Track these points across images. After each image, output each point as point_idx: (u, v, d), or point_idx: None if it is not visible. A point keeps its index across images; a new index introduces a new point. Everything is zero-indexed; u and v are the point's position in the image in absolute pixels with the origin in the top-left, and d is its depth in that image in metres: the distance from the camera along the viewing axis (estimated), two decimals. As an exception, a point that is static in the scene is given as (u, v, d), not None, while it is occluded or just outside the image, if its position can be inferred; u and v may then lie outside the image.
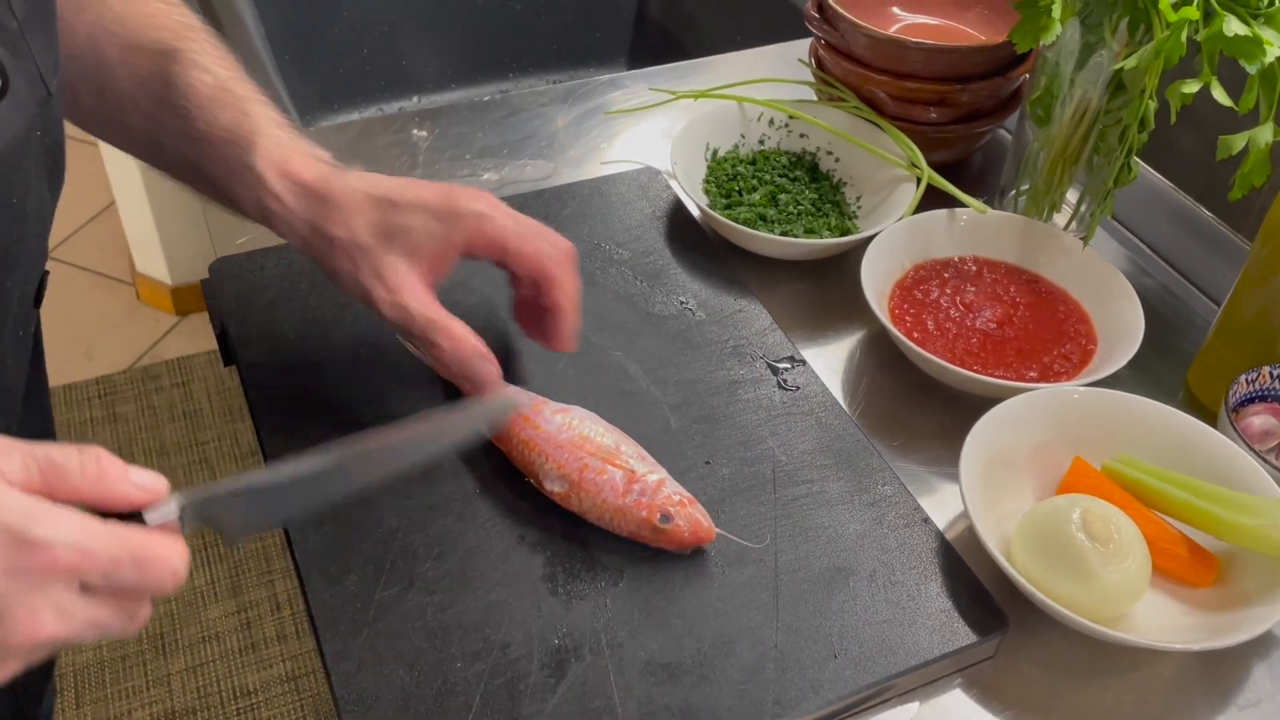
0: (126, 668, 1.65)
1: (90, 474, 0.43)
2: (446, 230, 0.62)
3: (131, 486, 0.44)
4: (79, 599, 0.41)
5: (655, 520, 0.61)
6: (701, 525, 0.62)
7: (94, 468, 0.43)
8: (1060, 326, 0.79)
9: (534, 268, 0.64)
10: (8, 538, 0.39)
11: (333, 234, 0.62)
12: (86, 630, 0.42)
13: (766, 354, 0.76)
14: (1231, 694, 0.62)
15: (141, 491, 0.44)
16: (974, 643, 0.60)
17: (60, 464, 0.42)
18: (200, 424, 2.00)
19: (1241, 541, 0.63)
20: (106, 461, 0.43)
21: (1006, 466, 0.68)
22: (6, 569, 0.39)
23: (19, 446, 0.42)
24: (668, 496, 0.62)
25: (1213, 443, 0.68)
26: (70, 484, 0.42)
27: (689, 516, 0.62)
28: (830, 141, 0.93)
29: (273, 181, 0.62)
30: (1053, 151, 0.82)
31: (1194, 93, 0.70)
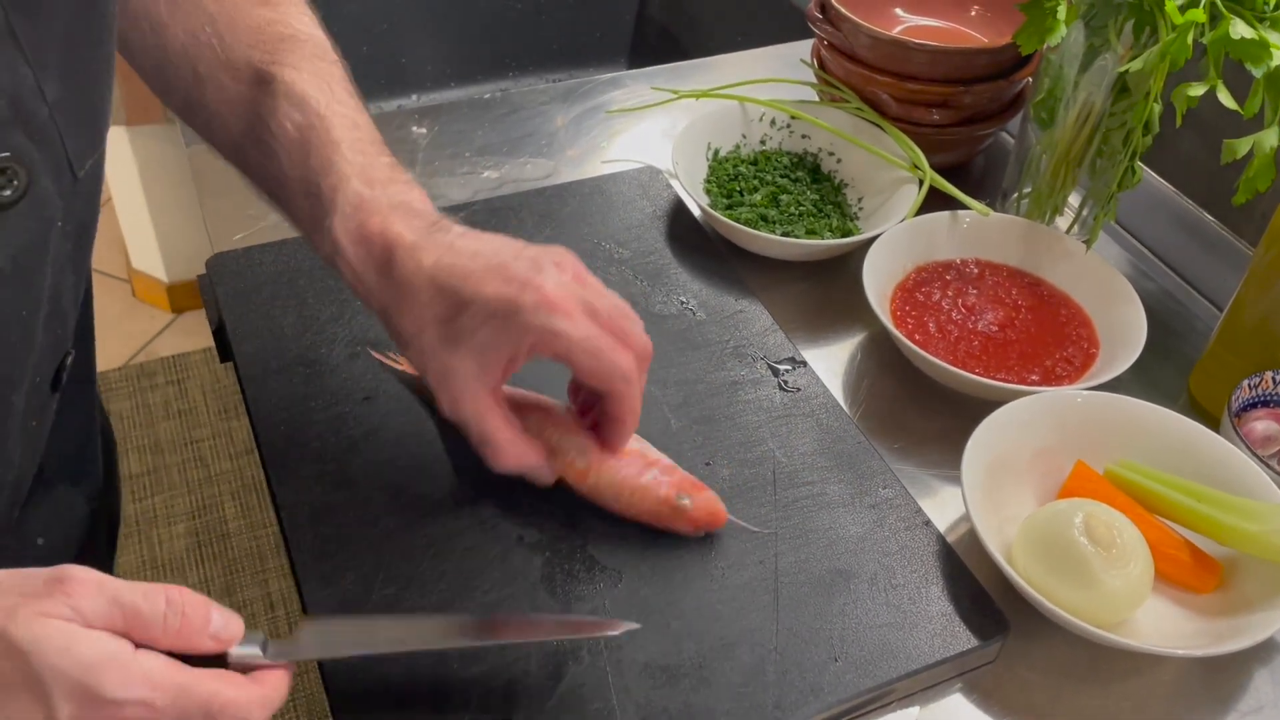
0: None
1: (171, 628, 0.44)
2: (512, 341, 0.56)
3: (209, 640, 0.46)
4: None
5: (674, 499, 0.61)
6: (718, 508, 0.62)
7: (176, 622, 0.44)
8: (1062, 330, 0.79)
9: (599, 383, 0.58)
10: (80, 692, 0.41)
11: (400, 326, 0.58)
12: None
13: (767, 355, 0.76)
14: (1233, 700, 0.62)
15: (218, 643, 0.46)
16: (975, 647, 0.60)
17: (144, 614, 0.44)
18: (195, 421, 2.00)
19: (1244, 547, 0.63)
20: (191, 610, 0.45)
21: (1008, 470, 0.68)
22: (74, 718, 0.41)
23: (109, 588, 0.43)
24: (684, 478, 0.63)
25: (1215, 448, 0.67)
26: (150, 634, 0.44)
27: (707, 498, 0.62)
28: (832, 142, 0.92)
29: (347, 249, 0.58)
30: (1056, 154, 0.82)
31: (1199, 96, 0.69)
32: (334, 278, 0.78)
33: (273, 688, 0.47)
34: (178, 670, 0.44)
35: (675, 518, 0.62)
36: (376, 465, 0.66)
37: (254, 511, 1.86)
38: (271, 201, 0.64)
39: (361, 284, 0.59)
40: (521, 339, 0.56)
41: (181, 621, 0.45)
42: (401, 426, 0.68)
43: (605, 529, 0.64)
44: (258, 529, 1.83)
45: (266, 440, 0.67)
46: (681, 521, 0.62)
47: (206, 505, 1.86)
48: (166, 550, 1.79)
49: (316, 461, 0.66)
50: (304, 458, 0.66)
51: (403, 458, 0.67)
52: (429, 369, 0.58)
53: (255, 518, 1.85)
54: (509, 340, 0.56)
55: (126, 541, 1.79)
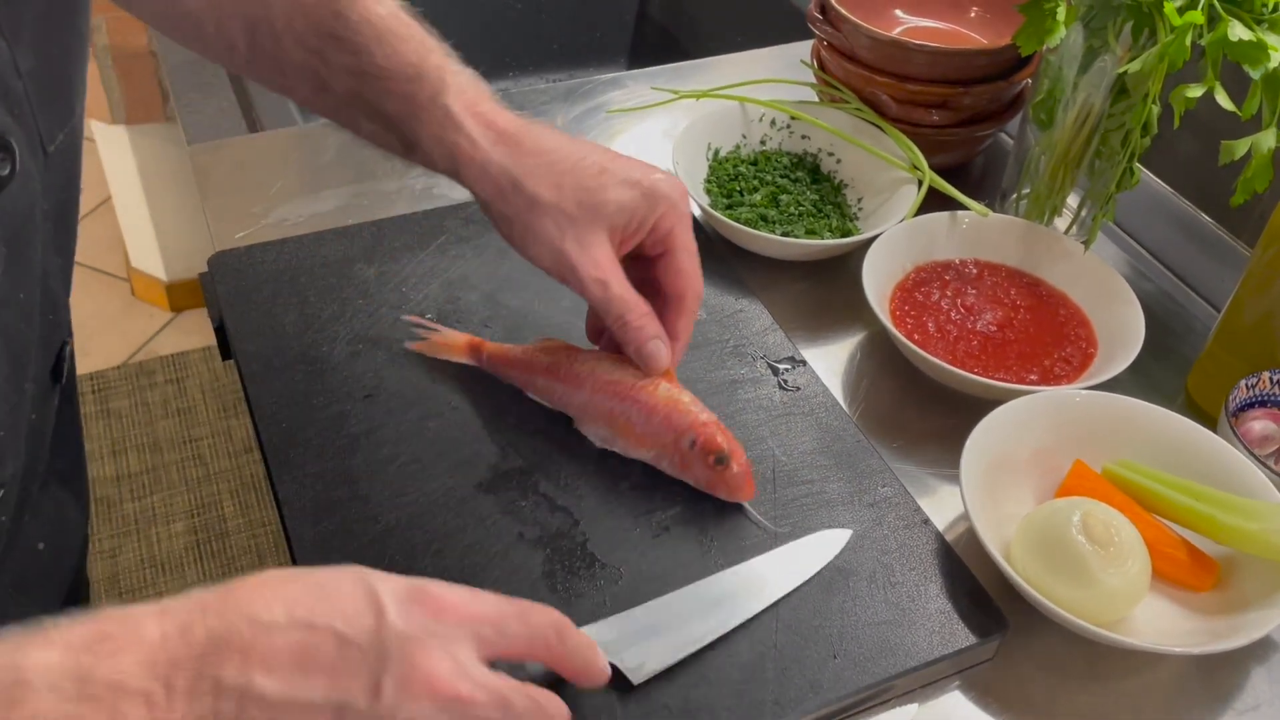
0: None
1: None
2: (645, 211, 0.60)
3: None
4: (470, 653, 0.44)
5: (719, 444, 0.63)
6: (750, 481, 0.65)
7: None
8: (1061, 330, 0.79)
9: (676, 282, 0.63)
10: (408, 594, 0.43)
11: (537, 193, 0.58)
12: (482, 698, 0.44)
13: (767, 354, 0.76)
14: (1230, 698, 0.62)
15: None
16: (973, 644, 0.60)
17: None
18: (194, 420, 2.00)
19: (1241, 546, 0.63)
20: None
21: (1007, 469, 0.68)
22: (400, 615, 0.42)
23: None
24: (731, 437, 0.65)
25: (1213, 447, 0.68)
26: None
27: (745, 464, 0.65)
28: (832, 143, 0.93)
29: (467, 123, 0.58)
30: (1055, 155, 0.82)
31: (1197, 97, 0.70)
32: (335, 276, 0.78)
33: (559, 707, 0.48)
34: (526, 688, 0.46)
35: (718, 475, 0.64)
36: (377, 463, 0.66)
37: (253, 510, 1.86)
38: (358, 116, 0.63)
39: (479, 156, 0.58)
40: (653, 209, 0.60)
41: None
42: (402, 424, 0.69)
43: (606, 527, 0.64)
44: (256, 527, 1.83)
45: (268, 438, 0.68)
46: (715, 472, 0.64)
47: (205, 504, 1.86)
48: (165, 548, 1.79)
49: (318, 459, 0.66)
50: (305, 455, 0.66)
51: (404, 455, 0.67)
52: (569, 237, 0.59)
53: (254, 516, 1.85)
54: (643, 210, 0.60)
55: (125, 540, 1.80)
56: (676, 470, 0.65)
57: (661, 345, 0.63)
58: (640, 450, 0.66)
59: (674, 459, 0.65)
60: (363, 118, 0.63)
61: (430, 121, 0.59)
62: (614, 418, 0.66)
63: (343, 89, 0.61)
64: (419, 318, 0.74)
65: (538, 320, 0.76)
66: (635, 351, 0.63)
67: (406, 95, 0.59)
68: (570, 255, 0.59)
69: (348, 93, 0.62)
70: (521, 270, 0.80)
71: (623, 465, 0.67)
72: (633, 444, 0.66)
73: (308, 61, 0.61)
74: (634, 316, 0.61)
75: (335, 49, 0.60)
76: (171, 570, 1.76)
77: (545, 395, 0.69)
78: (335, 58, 0.60)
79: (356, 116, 0.63)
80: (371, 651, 0.41)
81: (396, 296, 0.77)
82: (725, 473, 0.64)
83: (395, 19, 0.60)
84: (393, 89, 0.60)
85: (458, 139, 0.59)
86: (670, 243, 0.63)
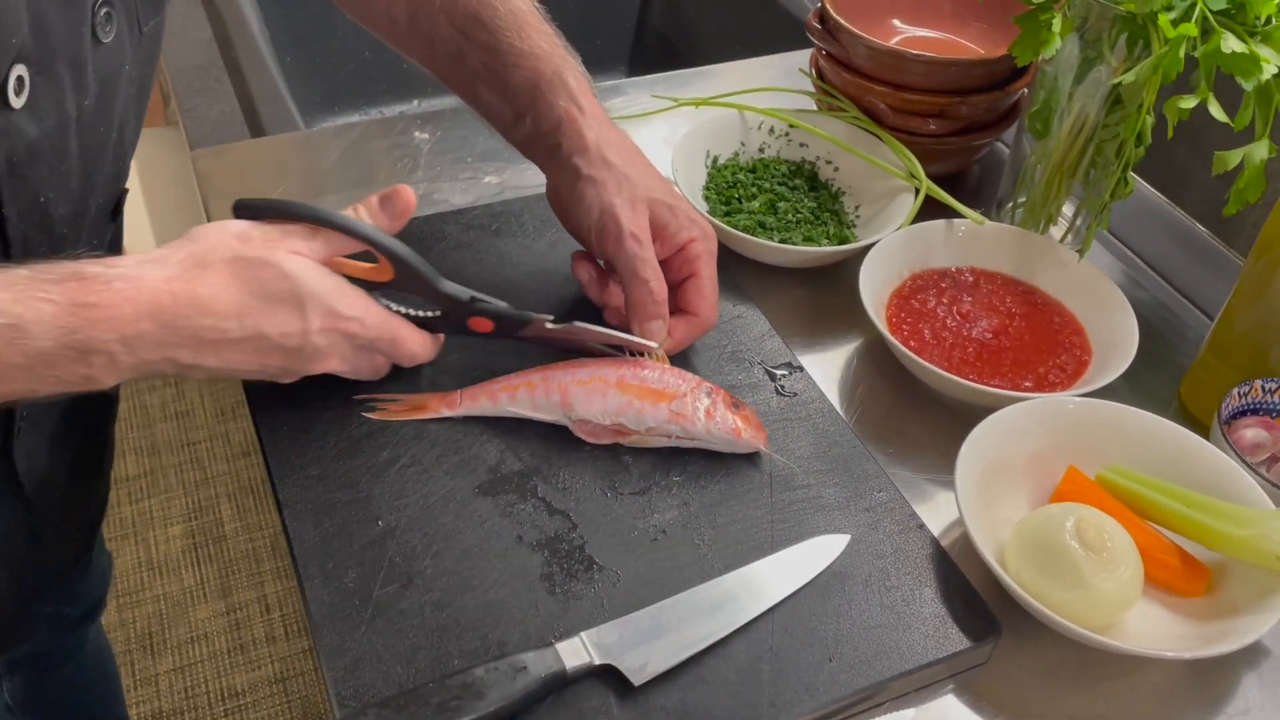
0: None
1: None
2: (684, 224, 0.72)
3: None
4: (353, 352, 0.64)
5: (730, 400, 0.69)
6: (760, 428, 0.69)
7: None
8: (1055, 337, 0.80)
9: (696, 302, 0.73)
10: (325, 309, 0.60)
11: (613, 160, 0.71)
12: (350, 371, 0.65)
13: (764, 360, 0.77)
14: (1221, 702, 0.63)
15: None
16: (967, 648, 0.61)
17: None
18: (192, 423, 2.00)
19: (1232, 552, 0.64)
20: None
21: (1001, 475, 0.69)
22: (319, 329, 0.61)
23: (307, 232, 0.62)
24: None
25: (1205, 454, 0.69)
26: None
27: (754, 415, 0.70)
28: (830, 151, 0.93)
29: (581, 99, 0.72)
30: (1050, 165, 0.83)
31: (1191, 108, 0.71)
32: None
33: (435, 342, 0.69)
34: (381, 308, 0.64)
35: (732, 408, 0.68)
36: (378, 465, 0.67)
37: (250, 514, 1.86)
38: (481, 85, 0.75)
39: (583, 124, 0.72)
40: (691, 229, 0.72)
41: None
42: (403, 427, 0.69)
43: (604, 531, 0.64)
44: (254, 531, 1.84)
45: (269, 440, 0.68)
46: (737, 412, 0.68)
47: (203, 507, 1.87)
48: (163, 551, 1.80)
49: (319, 461, 0.67)
50: (306, 457, 0.67)
51: (404, 458, 0.67)
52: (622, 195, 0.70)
53: (251, 520, 1.85)
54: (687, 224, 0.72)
55: (123, 543, 1.80)
56: (690, 425, 0.67)
57: (664, 325, 0.70)
58: (654, 412, 0.67)
59: (693, 409, 0.67)
60: (484, 88, 0.75)
61: (549, 91, 0.72)
62: (624, 383, 0.68)
63: (476, 62, 0.74)
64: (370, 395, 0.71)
65: (537, 325, 0.77)
66: (638, 310, 0.70)
67: (533, 70, 0.72)
68: (619, 211, 0.70)
69: (480, 65, 0.74)
70: (520, 275, 0.81)
71: (621, 469, 0.68)
72: (648, 405, 0.67)
73: (453, 37, 0.75)
74: (655, 283, 0.69)
75: (478, 29, 0.74)
76: (169, 573, 1.77)
77: (540, 395, 0.69)
78: (477, 35, 0.74)
79: (479, 87, 0.75)
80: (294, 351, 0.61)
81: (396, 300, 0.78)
82: (744, 410, 0.68)
83: (532, 14, 0.75)
84: (522, 64, 0.73)
85: (570, 107, 0.72)
86: (696, 267, 0.72)
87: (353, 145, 0.97)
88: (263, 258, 0.59)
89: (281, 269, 0.59)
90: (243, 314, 0.58)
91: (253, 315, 0.58)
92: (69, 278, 0.53)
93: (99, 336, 0.53)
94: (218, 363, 0.58)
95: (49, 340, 0.52)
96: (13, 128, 0.53)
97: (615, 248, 0.69)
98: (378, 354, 0.66)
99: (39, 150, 0.55)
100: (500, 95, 0.74)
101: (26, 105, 0.53)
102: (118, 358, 0.54)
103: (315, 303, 0.60)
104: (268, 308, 0.58)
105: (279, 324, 0.59)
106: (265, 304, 0.58)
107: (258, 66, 1.09)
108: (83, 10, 0.55)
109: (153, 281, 0.55)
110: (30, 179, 0.55)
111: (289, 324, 0.59)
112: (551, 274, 0.81)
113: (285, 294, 0.59)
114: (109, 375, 0.55)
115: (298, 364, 0.62)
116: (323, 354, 0.62)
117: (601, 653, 0.57)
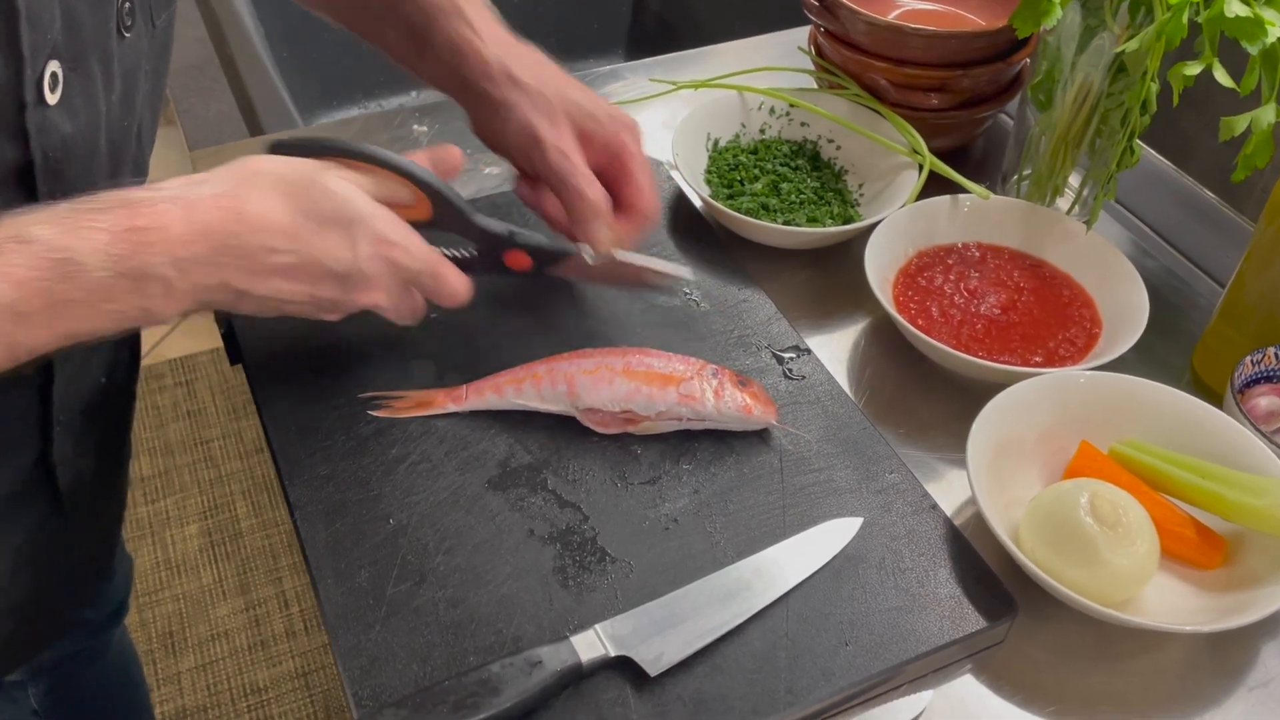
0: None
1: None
2: (605, 122, 0.72)
3: None
4: (398, 286, 0.62)
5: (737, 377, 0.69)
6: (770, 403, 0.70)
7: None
8: (1064, 311, 0.79)
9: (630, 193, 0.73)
10: (372, 234, 0.59)
11: (522, 79, 0.71)
12: (392, 308, 0.63)
13: (772, 344, 0.76)
14: (1241, 674, 0.62)
15: None
16: (984, 628, 0.61)
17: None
18: (204, 422, 2.01)
19: (1248, 522, 0.63)
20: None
21: (1013, 452, 0.68)
22: (369, 255, 0.59)
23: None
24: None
25: (1219, 424, 0.68)
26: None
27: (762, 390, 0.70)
28: (831, 129, 0.93)
29: (478, 23, 0.71)
30: (1055, 136, 0.82)
31: (1196, 75, 0.70)
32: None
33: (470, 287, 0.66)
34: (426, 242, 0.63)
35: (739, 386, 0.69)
36: (387, 463, 0.67)
37: (265, 510, 1.87)
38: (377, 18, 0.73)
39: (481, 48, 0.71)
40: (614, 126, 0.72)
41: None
42: (410, 423, 0.69)
43: (615, 522, 0.64)
44: (270, 527, 1.84)
45: (278, 441, 0.68)
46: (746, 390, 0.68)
47: (218, 505, 1.87)
48: (180, 551, 1.80)
49: (328, 461, 0.67)
50: (315, 457, 0.67)
51: (413, 454, 0.67)
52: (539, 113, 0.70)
53: (267, 516, 1.86)
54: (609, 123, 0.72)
55: (140, 543, 1.81)
56: (700, 406, 0.67)
57: (605, 228, 0.71)
58: (663, 396, 0.67)
59: (701, 390, 0.67)
60: (389, 28, 0.73)
61: (444, 20, 0.71)
62: (631, 370, 0.68)
63: (378, 3, 0.73)
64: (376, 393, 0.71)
65: (542, 314, 0.77)
66: (580, 222, 0.71)
67: (429, 1, 0.71)
68: (539, 129, 0.70)
69: (379, 3, 0.73)
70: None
71: (630, 459, 0.68)
72: (656, 390, 0.67)
73: None
74: (589, 190, 0.70)
75: None
76: (187, 572, 1.77)
77: (546, 386, 0.69)
78: None
79: (385, 29, 0.74)
80: (343, 277, 0.59)
81: (401, 296, 0.78)
82: (752, 387, 0.69)
83: None
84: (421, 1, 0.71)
85: (465, 32, 0.71)
86: (627, 162, 0.73)
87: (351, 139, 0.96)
88: (311, 178, 0.58)
89: (330, 189, 0.58)
90: (293, 233, 0.56)
91: (303, 235, 0.57)
92: (116, 205, 0.52)
93: (152, 260, 0.52)
94: (268, 290, 0.57)
95: (105, 270, 0.50)
96: (49, 124, 0.52)
97: (544, 166, 0.71)
98: (419, 291, 0.64)
99: (73, 147, 0.55)
100: (403, 32, 0.73)
101: (61, 101, 0.53)
102: (173, 283, 0.53)
103: (364, 227, 0.59)
104: (318, 228, 0.57)
105: (329, 246, 0.58)
106: (316, 224, 0.57)
107: (253, 63, 1.08)
108: (110, 5, 0.55)
109: (201, 200, 0.54)
110: (65, 176, 0.55)
111: (339, 247, 0.58)
112: (555, 264, 0.81)
113: (334, 215, 0.58)
114: (166, 304, 0.53)
115: (346, 293, 0.60)
116: (371, 282, 0.60)
117: (617, 644, 0.57)
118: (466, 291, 0.65)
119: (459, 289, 0.65)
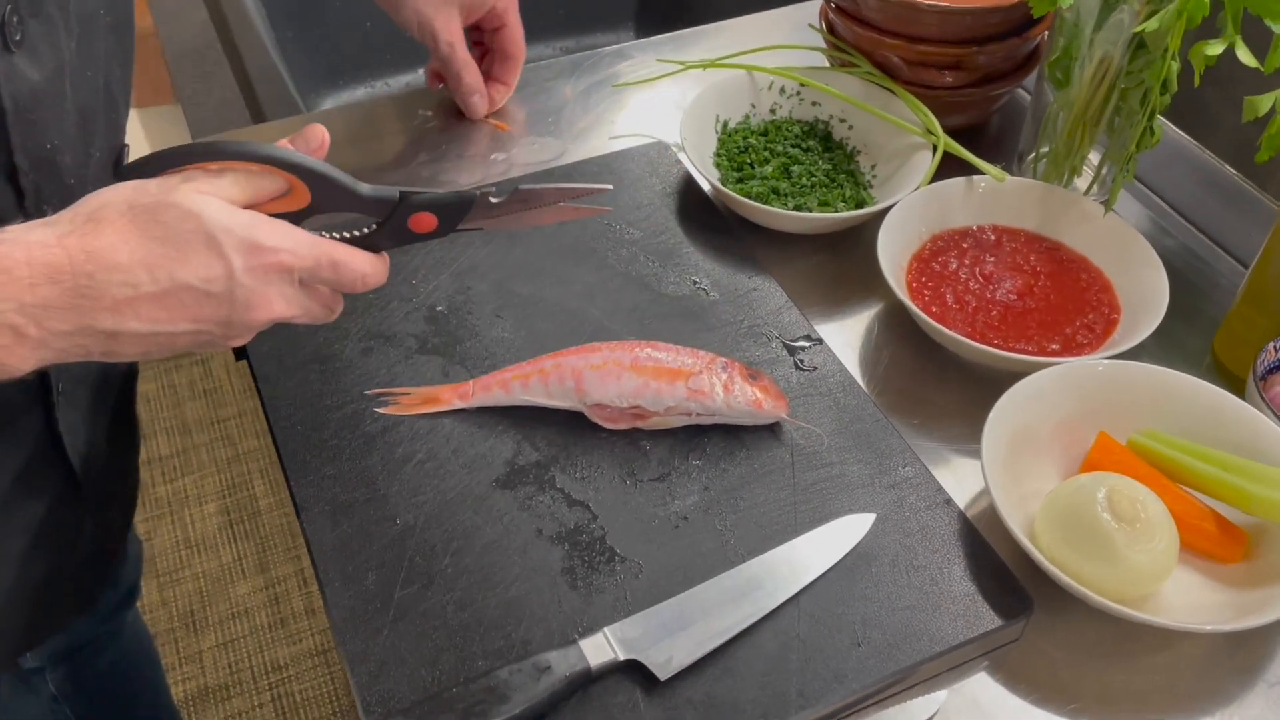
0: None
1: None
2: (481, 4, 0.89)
3: None
4: (295, 290, 0.56)
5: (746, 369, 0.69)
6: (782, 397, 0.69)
7: None
8: (1082, 296, 0.77)
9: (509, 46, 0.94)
10: (246, 245, 0.53)
11: None
12: (300, 314, 0.57)
13: (782, 334, 0.75)
14: (1261, 671, 0.61)
15: None
16: (999, 626, 0.60)
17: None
18: (221, 400, 2.01)
19: (1270, 515, 0.62)
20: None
21: (1029, 443, 0.67)
22: (244, 268, 0.53)
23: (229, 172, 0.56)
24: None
25: (1240, 414, 0.66)
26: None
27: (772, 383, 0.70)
28: (843, 109, 0.91)
29: None
30: (1072, 113, 0.80)
31: (1218, 54, 0.67)
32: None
33: (382, 261, 0.60)
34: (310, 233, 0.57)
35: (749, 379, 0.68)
36: (393, 462, 0.66)
37: (283, 488, 1.87)
38: None
39: None
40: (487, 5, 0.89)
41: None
42: (417, 422, 0.68)
43: (624, 520, 0.64)
44: (288, 505, 1.85)
45: (284, 439, 0.68)
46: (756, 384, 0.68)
47: (236, 483, 1.88)
48: (199, 530, 1.81)
49: (334, 460, 0.66)
50: (321, 456, 0.66)
51: (420, 453, 0.67)
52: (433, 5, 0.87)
53: (284, 495, 1.86)
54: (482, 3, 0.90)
55: (159, 523, 1.82)
56: (709, 400, 0.66)
57: (482, 100, 0.93)
58: (671, 391, 0.66)
59: (710, 384, 0.66)
60: None
61: None
62: (639, 365, 0.67)
63: None
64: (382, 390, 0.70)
65: (549, 306, 0.76)
66: (464, 98, 0.93)
67: None
68: (433, 21, 0.87)
69: None
70: (532, 257, 0.79)
71: (639, 455, 0.67)
72: (664, 384, 0.66)
73: None
74: (468, 74, 0.91)
75: None
76: (206, 550, 1.79)
77: (553, 381, 0.68)
78: None
79: None
80: (224, 297, 0.53)
81: (406, 289, 0.77)
82: (762, 380, 0.67)
83: None
84: None
85: None
86: (506, 19, 0.92)
87: (356, 127, 0.95)
88: (160, 200, 0.53)
89: (183, 208, 0.52)
90: (151, 263, 0.51)
91: (163, 264, 0.52)
92: None
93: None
94: (143, 325, 0.52)
95: None
96: (15, 72, 0.53)
97: (437, 56, 0.91)
98: (321, 286, 0.59)
99: (41, 95, 0.55)
100: None
101: (25, 49, 0.53)
102: (23, 331, 0.49)
103: (231, 238, 0.53)
104: (178, 253, 0.52)
105: (197, 268, 0.52)
106: (175, 249, 0.52)
107: (255, 46, 1.07)
108: None
109: (44, 241, 0.50)
110: (37, 124, 0.55)
111: (209, 267, 0.52)
112: (566, 252, 0.80)
113: (194, 234, 0.52)
114: (18, 355, 0.50)
115: (234, 313, 0.54)
116: (259, 297, 0.54)
117: (626, 648, 0.57)
118: (377, 271, 0.59)
119: (366, 271, 0.59)
